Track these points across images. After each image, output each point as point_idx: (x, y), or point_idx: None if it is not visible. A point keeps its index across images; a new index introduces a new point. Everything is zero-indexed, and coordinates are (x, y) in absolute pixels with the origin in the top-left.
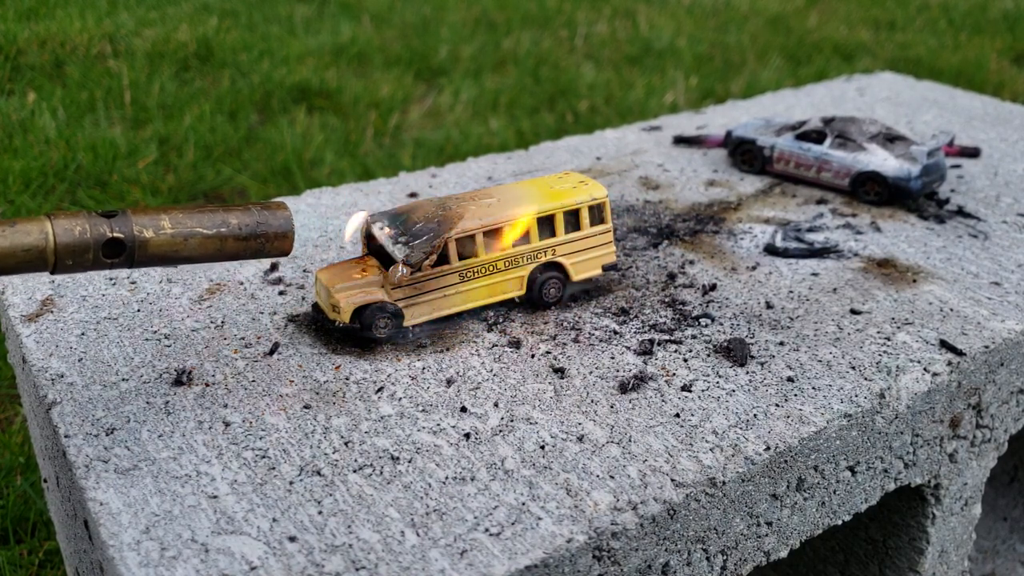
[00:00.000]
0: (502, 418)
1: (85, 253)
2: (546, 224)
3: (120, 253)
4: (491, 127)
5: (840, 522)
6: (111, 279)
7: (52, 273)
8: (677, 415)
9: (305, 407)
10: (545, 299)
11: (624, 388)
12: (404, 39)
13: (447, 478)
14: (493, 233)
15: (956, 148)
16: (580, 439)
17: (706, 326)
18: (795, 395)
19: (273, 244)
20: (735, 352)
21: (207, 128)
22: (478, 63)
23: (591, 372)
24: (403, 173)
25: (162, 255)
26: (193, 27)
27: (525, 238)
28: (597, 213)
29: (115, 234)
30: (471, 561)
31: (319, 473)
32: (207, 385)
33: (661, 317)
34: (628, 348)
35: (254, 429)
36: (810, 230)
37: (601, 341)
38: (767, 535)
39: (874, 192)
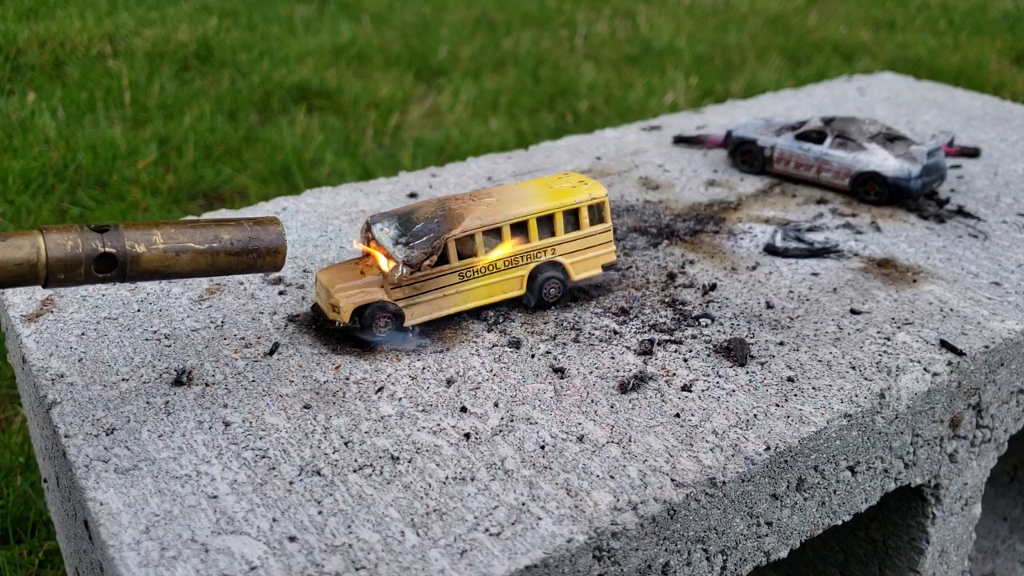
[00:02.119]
0: (502, 418)
1: (77, 268)
2: (546, 223)
3: (112, 268)
4: (491, 127)
5: (840, 522)
6: None
7: (44, 287)
8: (677, 415)
9: (305, 407)
10: (545, 299)
11: (624, 388)
12: (404, 39)
13: (447, 478)
14: (493, 233)
15: (956, 148)
16: (580, 439)
17: (706, 326)
18: (795, 395)
19: (265, 259)
20: (735, 352)
21: (207, 128)
22: (478, 63)
23: (591, 372)
24: (403, 173)
25: (154, 270)
26: (193, 27)
27: (524, 237)
28: (597, 212)
29: (107, 249)
30: (471, 561)
31: (319, 473)
32: (207, 385)
33: (661, 317)
34: (628, 348)
35: (254, 429)
36: (810, 230)
37: (601, 341)
38: (767, 535)
39: (874, 192)
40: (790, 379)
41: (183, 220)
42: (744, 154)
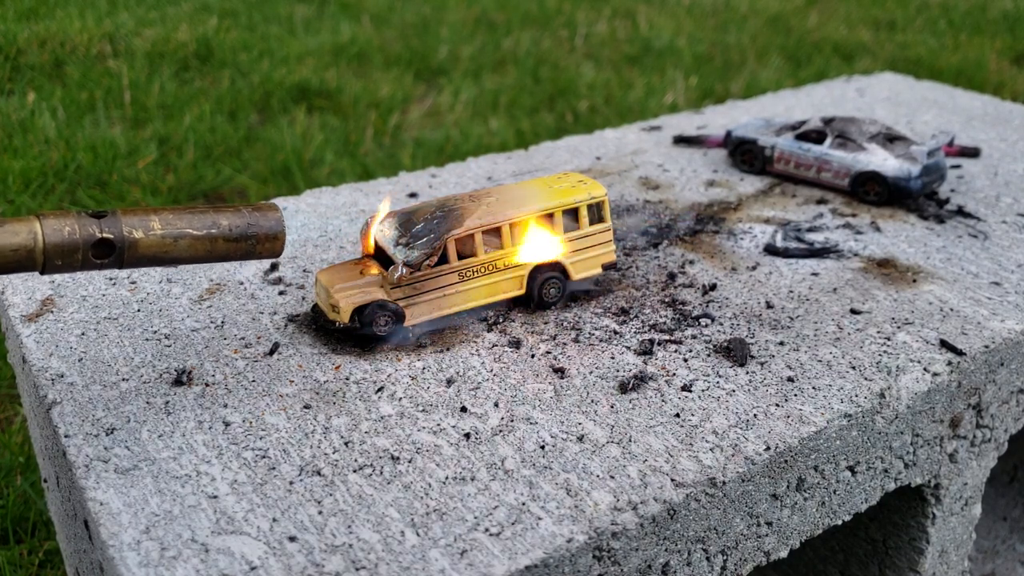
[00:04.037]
0: (502, 418)
1: (74, 253)
2: (545, 223)
3: (110, 254)
4: (491, 127)
5: (840, 522)
6: (111, 279)
7: (41, 273)
8: (677, 415)
9: (305, 407)
10: (545, 299)
11: (624, 388)
12: (404, 39)
13: (447, 478)
14: (492, 232)
15: (956, 148)
16: (580, 439)
17: (706, 326)
18: (795, 395)
19: (264, 245)
20: (735, 352)
21: (207, 128)
22: (478, 63)
23: (591, 372)
24: (403, 173)
25: (152, 256)
26: (193, 27)
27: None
28: (596, 212)
29: (104, 234)
30: (471, 561)
31: (319, 473)
32: (207, 385)
33: (661, 317)
34: (628, 348)
35: (254, 429)
36: (810, 230)
37: (601, 341)
38: (767, 535)
39: (874, 192)
40: (790, 379)
41: (181, 206)
42: (744, 154)
